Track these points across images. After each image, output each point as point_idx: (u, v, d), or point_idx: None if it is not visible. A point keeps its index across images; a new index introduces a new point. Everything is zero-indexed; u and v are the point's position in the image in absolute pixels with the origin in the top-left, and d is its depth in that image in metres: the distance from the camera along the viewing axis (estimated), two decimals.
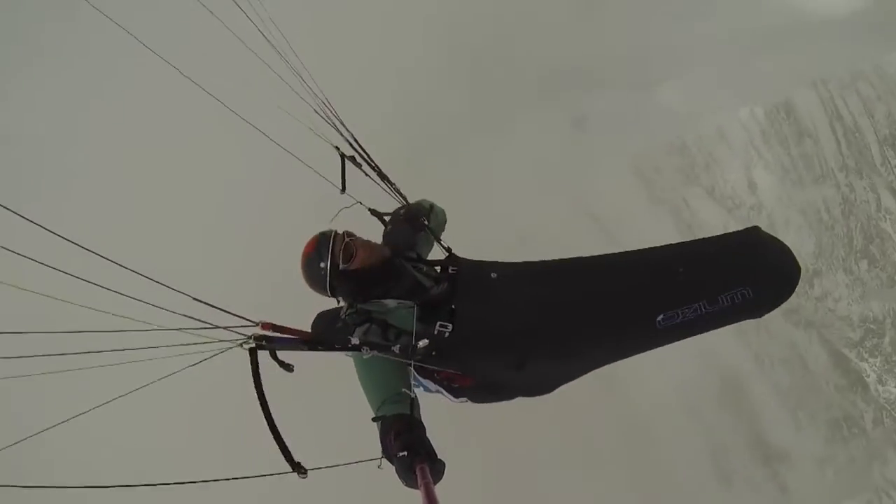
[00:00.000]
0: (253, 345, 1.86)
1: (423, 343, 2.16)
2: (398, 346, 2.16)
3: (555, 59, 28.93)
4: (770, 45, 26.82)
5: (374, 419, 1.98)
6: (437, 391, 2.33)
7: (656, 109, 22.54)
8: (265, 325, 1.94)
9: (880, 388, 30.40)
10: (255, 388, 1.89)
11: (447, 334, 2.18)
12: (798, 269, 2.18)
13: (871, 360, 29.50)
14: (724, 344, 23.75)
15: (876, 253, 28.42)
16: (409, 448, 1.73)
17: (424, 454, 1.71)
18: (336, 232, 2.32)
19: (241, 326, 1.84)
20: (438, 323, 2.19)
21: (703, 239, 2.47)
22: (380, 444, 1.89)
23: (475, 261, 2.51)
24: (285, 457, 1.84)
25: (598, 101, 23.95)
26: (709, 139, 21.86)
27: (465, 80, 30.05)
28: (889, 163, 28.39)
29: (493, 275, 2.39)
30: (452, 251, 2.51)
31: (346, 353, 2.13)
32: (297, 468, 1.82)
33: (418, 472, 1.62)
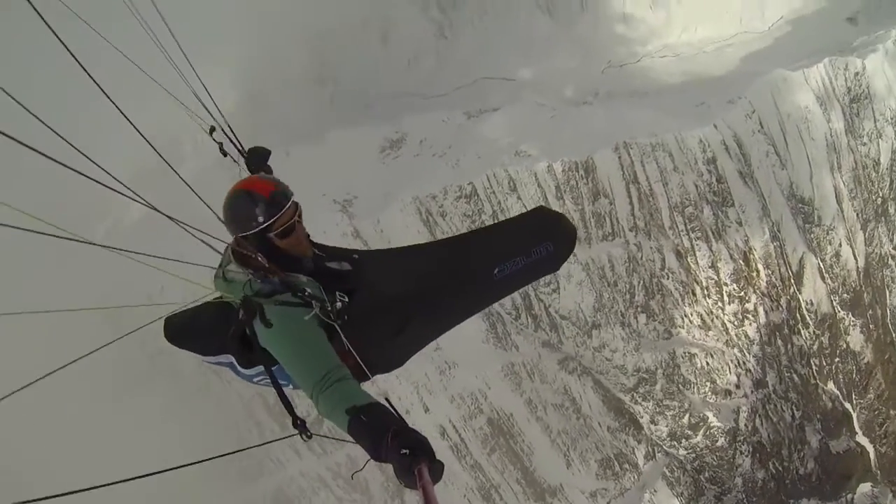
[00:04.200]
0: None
1: (337, 306, 2.40)
2: (319, 308, 2.32)
3: (390, 77, 28.19)
4: (554, 104, 28.19)
5: (347, 410, 1.93)
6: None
7: (460, 149, 22.56)
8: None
9: (653, 427, 33.31)
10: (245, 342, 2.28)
11: (346, 303, 2.45)
12: (574, 229, 3.14)
13: (643, 403, 32.27)
14: (496, 390, 24.58)
15: (656, 308, 31.16)
16: (409, 448, 1.72)
17: (423, 454, 1.71)
18: (296, 202, 2.45)
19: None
20: (337, 293, 2.48)
21: (510, 218, 3.40)
22: (363, 439, 1.84)
23: (332, 246, 2.89)
24: (290, 413, 2.18)
25: (417, 127, 23.50)
26: (501, 190, 22.30)
27: (303, 90, 28.43)
28: (677, 227, 31.20)
29: (355, 255, 2.82)
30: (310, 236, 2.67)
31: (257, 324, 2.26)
32: (302, 428, 2.18)
33: (418, 473, 1.65)
